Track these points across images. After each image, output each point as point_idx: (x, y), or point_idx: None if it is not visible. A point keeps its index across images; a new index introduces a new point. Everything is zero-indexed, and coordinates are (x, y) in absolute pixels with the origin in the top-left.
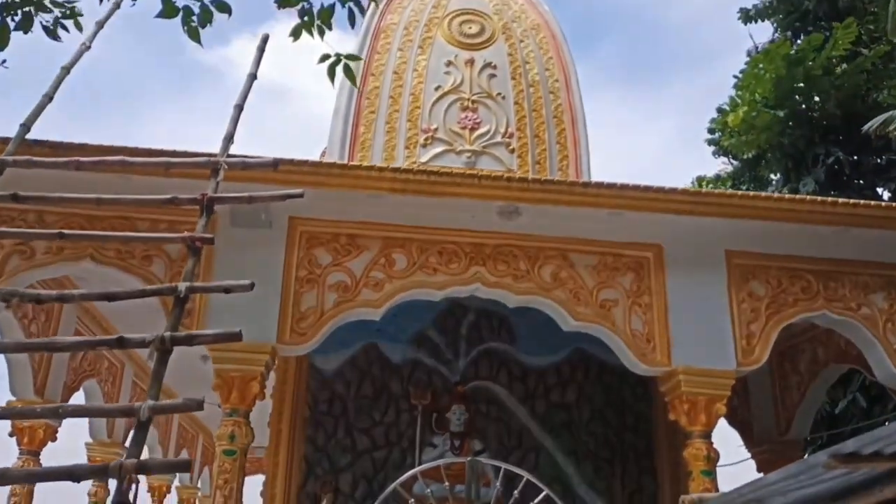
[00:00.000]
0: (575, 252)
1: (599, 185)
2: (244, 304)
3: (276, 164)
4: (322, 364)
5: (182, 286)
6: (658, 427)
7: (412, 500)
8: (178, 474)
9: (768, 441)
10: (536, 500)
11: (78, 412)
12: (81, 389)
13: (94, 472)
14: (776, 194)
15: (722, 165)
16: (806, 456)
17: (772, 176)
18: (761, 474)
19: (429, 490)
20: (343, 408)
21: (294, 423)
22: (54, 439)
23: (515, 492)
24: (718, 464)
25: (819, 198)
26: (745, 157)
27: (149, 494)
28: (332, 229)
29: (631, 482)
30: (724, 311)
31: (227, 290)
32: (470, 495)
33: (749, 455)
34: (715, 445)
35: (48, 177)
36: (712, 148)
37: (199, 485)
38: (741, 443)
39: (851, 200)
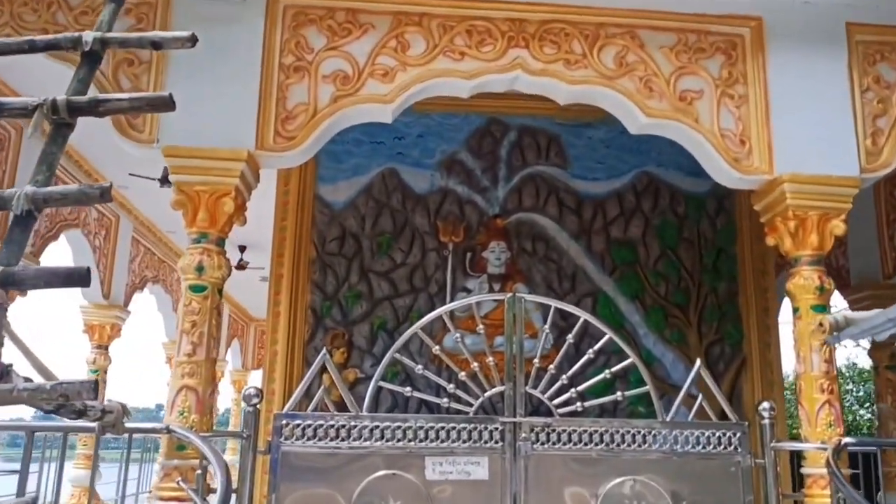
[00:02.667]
0: (646, 28)
1: None
2: (210, 100)
3: None
4: (330, 195)
5: (89, 36)
6: (744, 266)
7: (436, 347)
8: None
9: (870, 286)
10: (597, 346)
11: None
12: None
13: None
14: None
15: None
16: None
17: None
18: None
19: (457, 335)
20: (357, 247)
21: (297, 267)
22: None
23: (569, 336)
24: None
25: None
26: None
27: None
28: (326, 1)
29: (709, 332)
30: (842, 103)
31: (155, 44)
32: (511, 347)
33: (846, 304)
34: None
35: None
36: None
37: None
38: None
39: None
